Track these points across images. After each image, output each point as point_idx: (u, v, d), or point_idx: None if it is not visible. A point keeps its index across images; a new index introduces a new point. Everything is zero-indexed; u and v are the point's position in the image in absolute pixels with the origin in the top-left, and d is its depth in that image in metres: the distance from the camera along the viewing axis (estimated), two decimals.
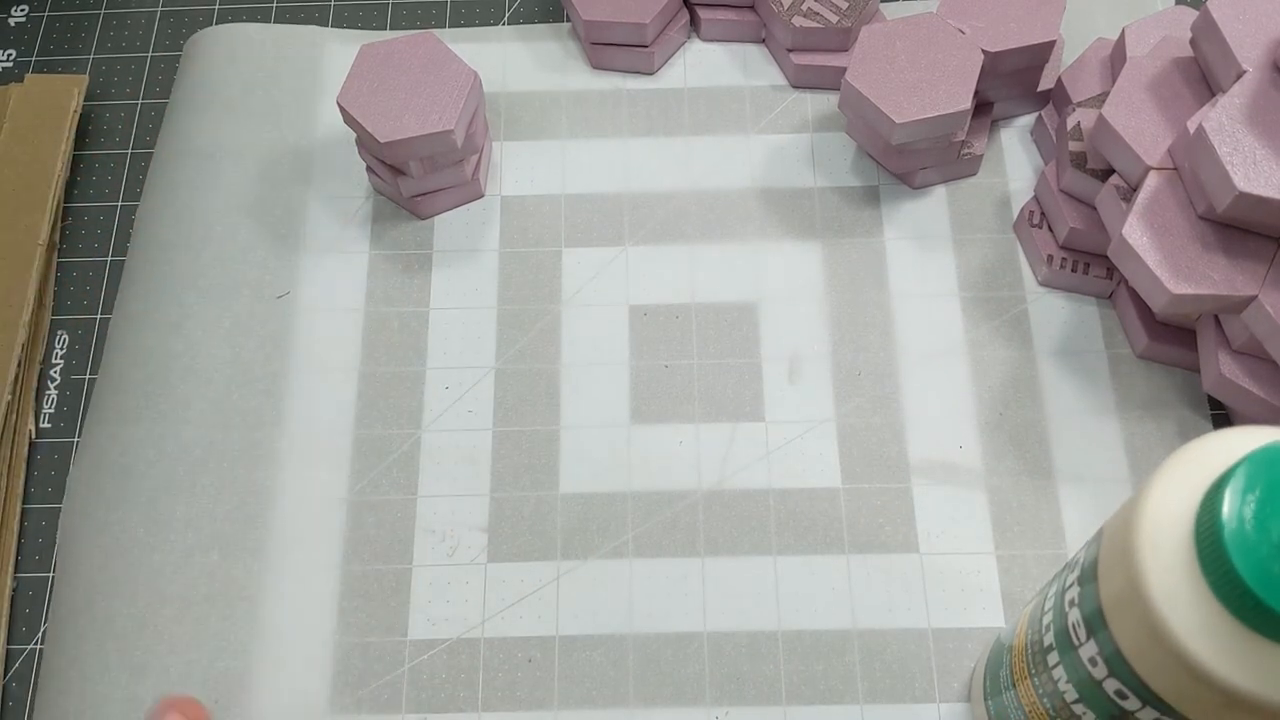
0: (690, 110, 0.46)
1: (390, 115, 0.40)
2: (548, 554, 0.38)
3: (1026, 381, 0.41)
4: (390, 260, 0.43)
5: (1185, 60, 0.39)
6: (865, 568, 0.38)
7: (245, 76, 0.46)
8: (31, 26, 0.50)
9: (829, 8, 0.45)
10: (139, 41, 0.50)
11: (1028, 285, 0.42)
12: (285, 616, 0.38)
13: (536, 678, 0.37)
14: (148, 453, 0.40)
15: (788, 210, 0.44)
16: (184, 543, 0.38)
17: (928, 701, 0.36)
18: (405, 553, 0.39)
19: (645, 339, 0.42)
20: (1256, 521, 0.21)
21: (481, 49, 0.48)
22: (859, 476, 0.39)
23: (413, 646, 0.37)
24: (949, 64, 0.41)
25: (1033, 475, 0.39)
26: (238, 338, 0.42)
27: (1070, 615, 0.26)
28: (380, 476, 0.40)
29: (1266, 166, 0.34)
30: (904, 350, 0.41)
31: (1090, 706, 0.26)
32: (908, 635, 0.37)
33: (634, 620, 0.37)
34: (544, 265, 0.43)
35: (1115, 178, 0.38)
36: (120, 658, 0.37)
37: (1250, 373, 0.37)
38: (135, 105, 0.48)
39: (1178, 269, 0.35)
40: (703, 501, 0.39)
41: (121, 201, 0.46)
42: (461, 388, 0.41)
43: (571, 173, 0.45)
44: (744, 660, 0.37)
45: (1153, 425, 0.40)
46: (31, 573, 0.40)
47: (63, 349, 0.43)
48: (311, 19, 0.49)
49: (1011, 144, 0.45)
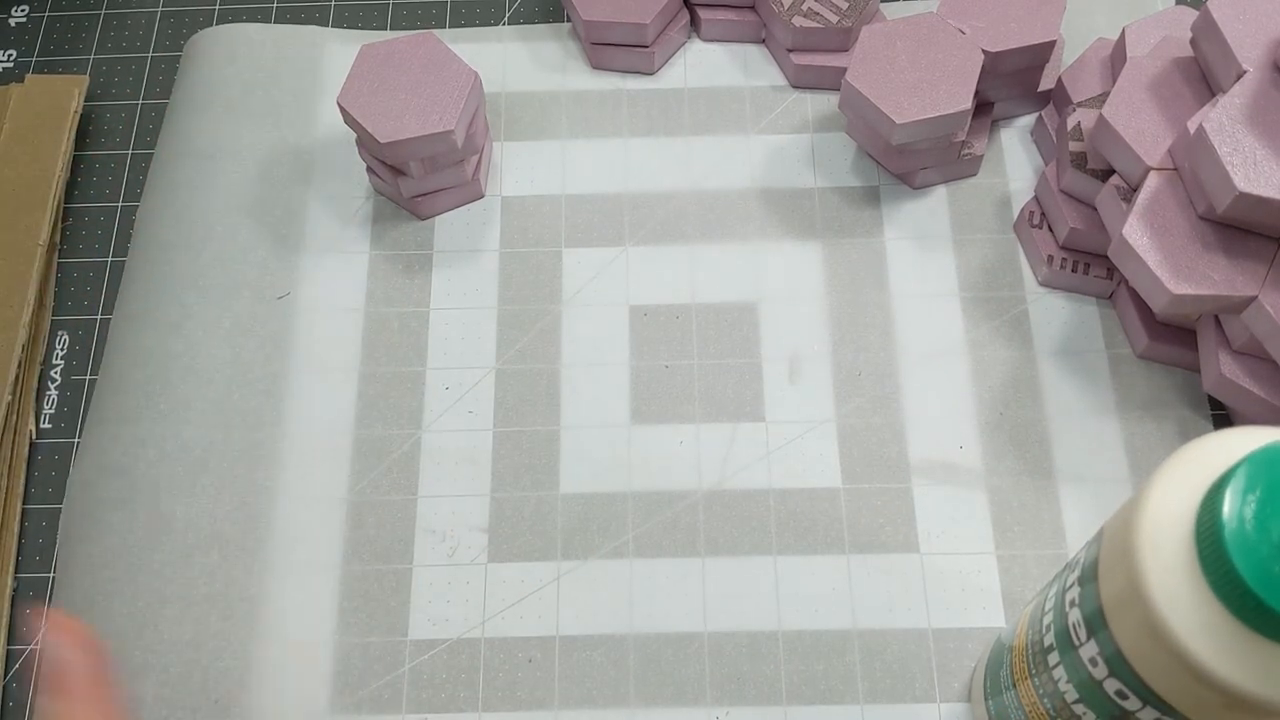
0: (690, 110, 0.46)
1: (390, 115, 0.40)
2: (548, 554, 0.38)
3: (1027, 382, 0.41)
4: (390, 260, 0.43)
5: (1185, 60, 0.39)
6: (865, 568, 0.38)
7: (245, 77, 0.46)
8: (32, 27, 0.50)
9: (829, 8, 0.45)
10: (139, 42, 0.50)
11: (1028, 285, 0.42)
12: (286, 617, 0.38)
13: (537, 678, 0.37)
14: (148, 453, 0.40)
15: (788, 210, 0.44)
16: (184, 543, 0.38)
17: (928, 701, 0.36)
18: (405, 553, 0.39)
19: (645, 339, 0.42)
20: (1257, 521, 0.21)
21: (482, 49, 0.48)
22: (859, 477, 0.39)
23: (413, 647, 0.37)
24: (949, 64, 0.41)
25: (1033, 475, 0.39)
26: (238, 338, 0.42)
27: (1071, 615, 0.26)
28: (380, 477, 0.40)
29: (1267, 167, 0.34)
30: (904, 350, 0.41)
31: (1090, 707, 0.26)
32: (908, 635, 0.37)
33: (634, 620, 0.37)
34: (544, 265, 0.43)
35: (1115, 178, 0.38)
36: (120, 657, 0.37)
37: (1251, 373, 0.37)
38: (136, 105, 0.48)
39: (1178, 269, 0.35)
40: (703, 501, 0.39)
41: (122, 202, 0.46)
42: (462, 388, 0.41)
43: (572, 173, 0.45)
44: (744, 660, 0.37)
45: (1153, 425, 0.40)
46: (32, 573, 0.40)
47: (63, 349, 0.43)
48: (312, 19, 0.49)
49: (1012, 144, 0.45)
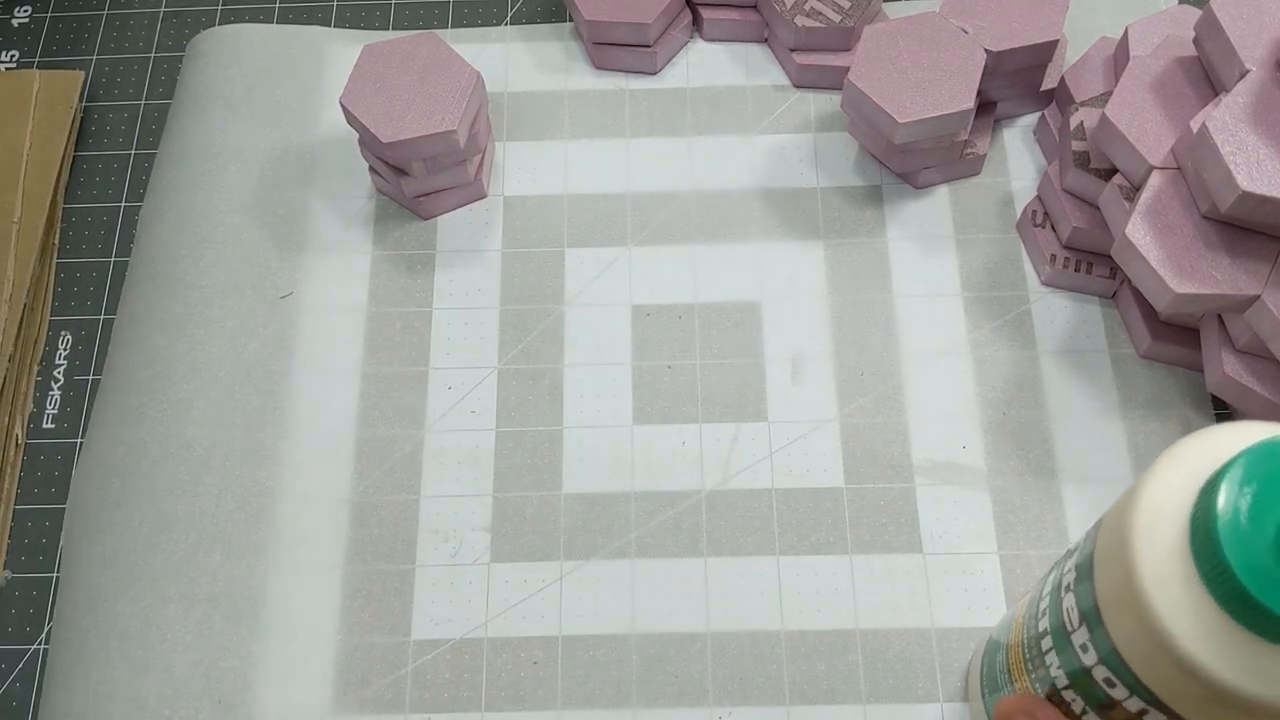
0: (693, 110, 0.46)
1: (393, 115, 0.40)
2: (551, 554, 0.38)
3: (1029, 381, 0.41)
4: (393, 261, 0.43)
5: (1188, 59, 0.39)
6: (868, 568, 0.38)
7: (248, 77, 0.46)
8: (35, 27, 0.50)
9: (831, 7, 0.45)
10: (142, 42, 0.50)
11: (1030, 285, 0.42)
12: (288, 616, 0.38)
13: (539, 678, 0.37)
14: (151, 452, 0.40)
15: (790, 210, 0.44)
16: (187, 542, 0.38)
17: (931, 701, 0.36)
18: (408, 553, 0.39)
19: (648, 339, 0.42)
20: (1251, 516, 0.21)
21: (484, 49, 0.48)
22: (862, 476, 0.39)
23: (416, 647, 0.37)
24: (952, 63, 0.40)
25: (1036, 475, 0.39)
26: (241, 338, 0.42)
27: (1065, 601, 0.26)
28: (383, 476, 0.40)
29: (1270, 166, 0.34)
30: (907, 350, 0.41)
31: (1080, 694, 0.26)
32: (911, 635, 0.37)
33: (637, 620, 0.37)
34: (546, 265, 0.43)
35: (1118, 177, 0.38)
36: (124, 657, 0.37)
37: (1254, 372, 0.37)
38: (138, 106, 0.48)
39: (1181, 268, 0.35)
40: (705, 501, 0.39)
41: (125, 202, 0.46)
42: (464, 388, 0.41)
43: (574, 173, 0.45)
44: (747, 660, 0.37)
45: (1156, 425, 0.40)
46: (35, 573, 0.40)
47: (66, 349, 0.43)
48: (314, 19, 0.49)
49: (1014, 143, 0.45)
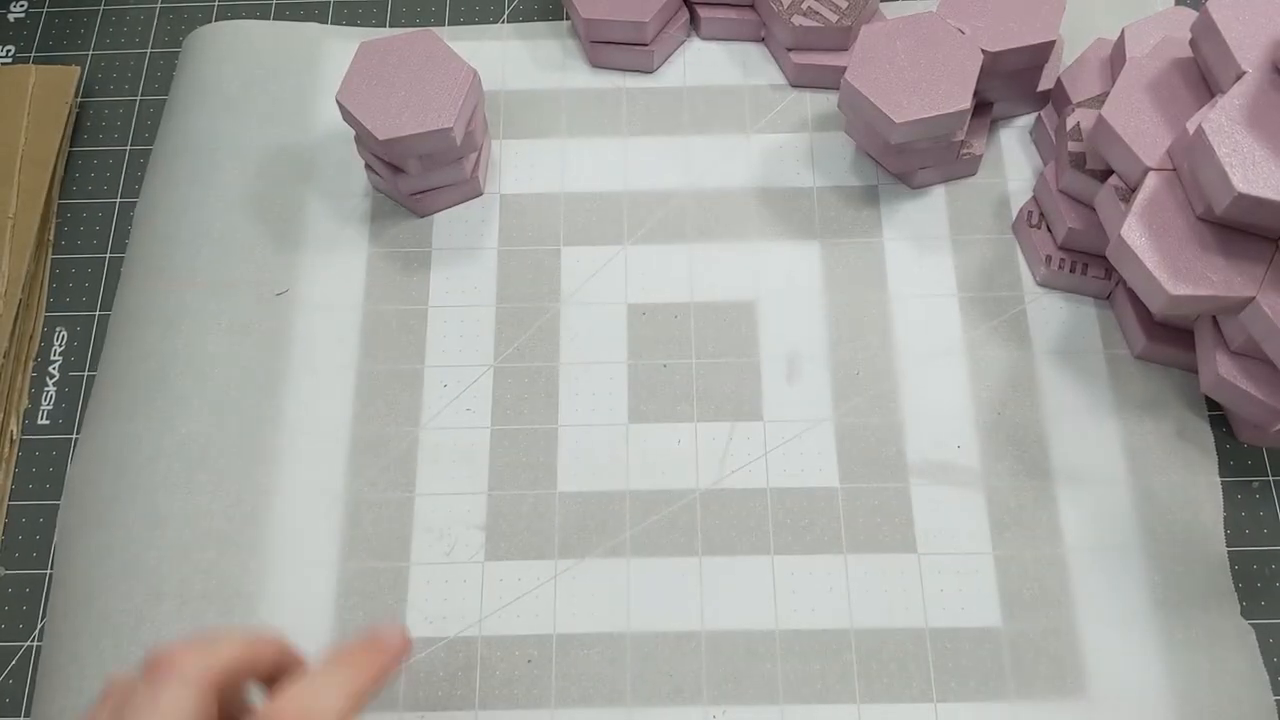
0: (689, 109, 0.46)
1: (389, 113, 0.40)
2: (545, 552, 0.38)
3: (1025, 382, 0.41)
4: (389, 258, 0.43)
5: (1185, 61, 0.39)
6: (863, 567, 0.38)
7: (244, 73, 0.46)
8: (31, 22, 0.50)
9: (829, 7, 0.45)
10: (138, 38, 0.50)
11: (1026, 286, 0.42)
12: (282, 614, 0.38)
13: (534, 676, 0.37)
14: (146, 449, 0.40)
15: (787, 209, 0.44)
16: (181, 539, 0.38)
17: (925, 701, 0.36)
18: (403, 550, 0.39)
19: (644, 338, 0.42)
20: None
21: (481, 47, 0.47)
22: (857, 476, 0.39)
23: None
24: (949, 64, 0.40)
25: (1031, 476, 0.39)
26: (236, 335, 0.42)
27: None
28: (378, 474, 0.40)
29: (1265, 168, 0.34)
30: (902, 350, 0.41)
31: None
32: (905, 635, 0.37)
33: (631, 619, 0.37)
34: (543, 264, 0.43)
35: (1114, 178, 0.38)
36: (117, 654, 0.37)
37: (1248, 373, 0.37)
38: (134, 101, 0.48)
39: (1176, 270, 0.35)
40: (700, 500, 0.39)
41: (120, 198, 0.46)
42: (460, 386, 0.41)
43: (570, 171, 0.45)
44: (741, 659, 0.37)
45: (1151, 426, 0.40)
46: (29, 569, 0.40)
47: (61, 345, 0.43)
48: (311, 16, 0.49)
49: (1010, 144, 0.45)
